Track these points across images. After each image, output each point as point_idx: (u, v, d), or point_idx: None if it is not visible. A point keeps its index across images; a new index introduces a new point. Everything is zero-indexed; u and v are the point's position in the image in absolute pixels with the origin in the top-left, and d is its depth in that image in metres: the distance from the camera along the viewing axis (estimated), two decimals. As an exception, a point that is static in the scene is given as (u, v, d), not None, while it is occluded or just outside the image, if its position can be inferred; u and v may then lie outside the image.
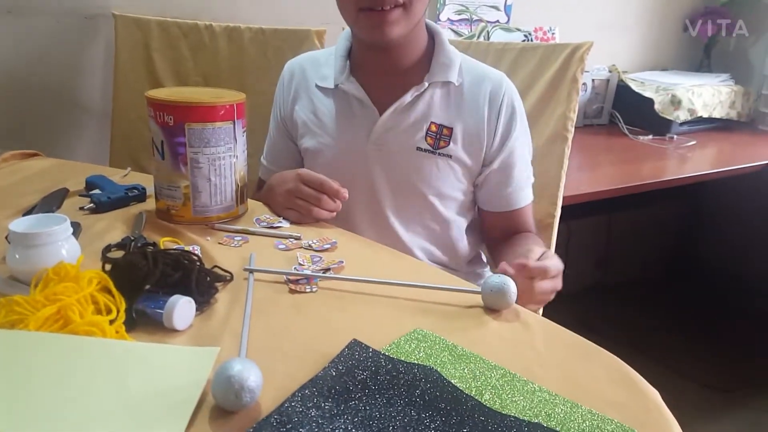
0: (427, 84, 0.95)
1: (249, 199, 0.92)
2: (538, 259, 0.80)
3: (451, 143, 0.96)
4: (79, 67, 1.47)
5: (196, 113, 0.79)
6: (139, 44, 1.42)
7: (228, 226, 0.84)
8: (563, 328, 0.61)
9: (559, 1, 2.09)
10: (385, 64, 0.95)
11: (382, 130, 0.96)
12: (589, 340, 0.61)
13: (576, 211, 1.36)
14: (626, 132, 2.04)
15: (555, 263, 0.80)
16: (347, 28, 0.98)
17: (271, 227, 0.85)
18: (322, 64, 1.03)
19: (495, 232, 1.05)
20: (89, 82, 1.48)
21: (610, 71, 2.16)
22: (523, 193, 1.02)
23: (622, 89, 2.13)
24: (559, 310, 1.25)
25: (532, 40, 1.97)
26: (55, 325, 0.53)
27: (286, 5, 1.63)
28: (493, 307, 0.64)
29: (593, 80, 2.10)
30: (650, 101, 2.02)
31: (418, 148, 0.96)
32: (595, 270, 2.35)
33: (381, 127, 0.96)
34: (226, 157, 0.83)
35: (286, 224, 0.86)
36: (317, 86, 1.02)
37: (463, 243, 1.04)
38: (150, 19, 1.42)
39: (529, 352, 0.58)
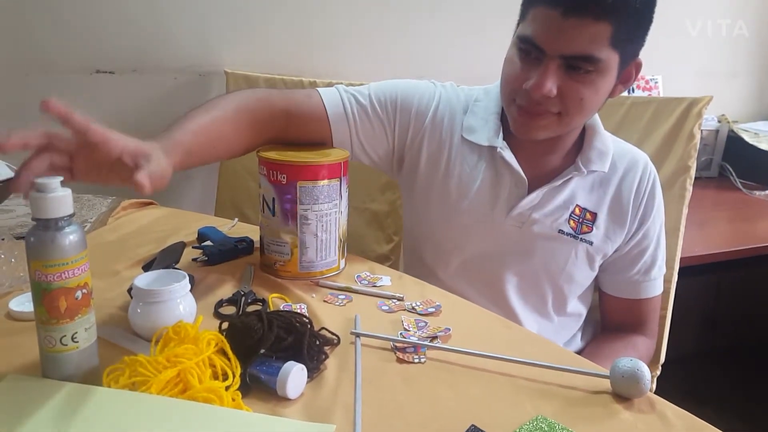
0: (585, 171, 0.89)
1: (348, 254, 0.91)
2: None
3: (594, 229, 0.91)
4: (191, 120, 1.57)
5: (307, 172, 0.81)
6: (246, 99, 1.50)
7: (332, 283, 0.84)
8: (708, 425, 0.54)
9: (661, 48, 2.00)
10: (539, 144, 0.89)
11: (527, 207, 0.90)
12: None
13: (681, 269, 1.26)
14: (740, 186, 1.89)
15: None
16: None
17: (374, 286, 0.84)
18: (468, 112, 0.94)
19: (612, 319, 1.00)
20: (200, 133, 1.58)
21: (719, 121, 2.03)
22: (651, 284, 0.96)
23: (733, 140, 1.99)
24: (666, 377, 1.13)
25: (634, 90, 1.89)
26: (175, 389, 0.53)
27: (384, 61, 1.68)
28: (623, 394, 0.58)
29: (701, 130, 1.98)
30: (766, 154, 1.87)
31: (561, 231, 0.90)
32: (703, 333, 2.15)
33: (528, 203, 0.89)
34: (332, 214, 0.84)
35: (387, 282, 0.85)
36: (463, 137, 0.92)
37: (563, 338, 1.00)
38: (258, 76, 1.50)
39: (669, 452, 0.51)
